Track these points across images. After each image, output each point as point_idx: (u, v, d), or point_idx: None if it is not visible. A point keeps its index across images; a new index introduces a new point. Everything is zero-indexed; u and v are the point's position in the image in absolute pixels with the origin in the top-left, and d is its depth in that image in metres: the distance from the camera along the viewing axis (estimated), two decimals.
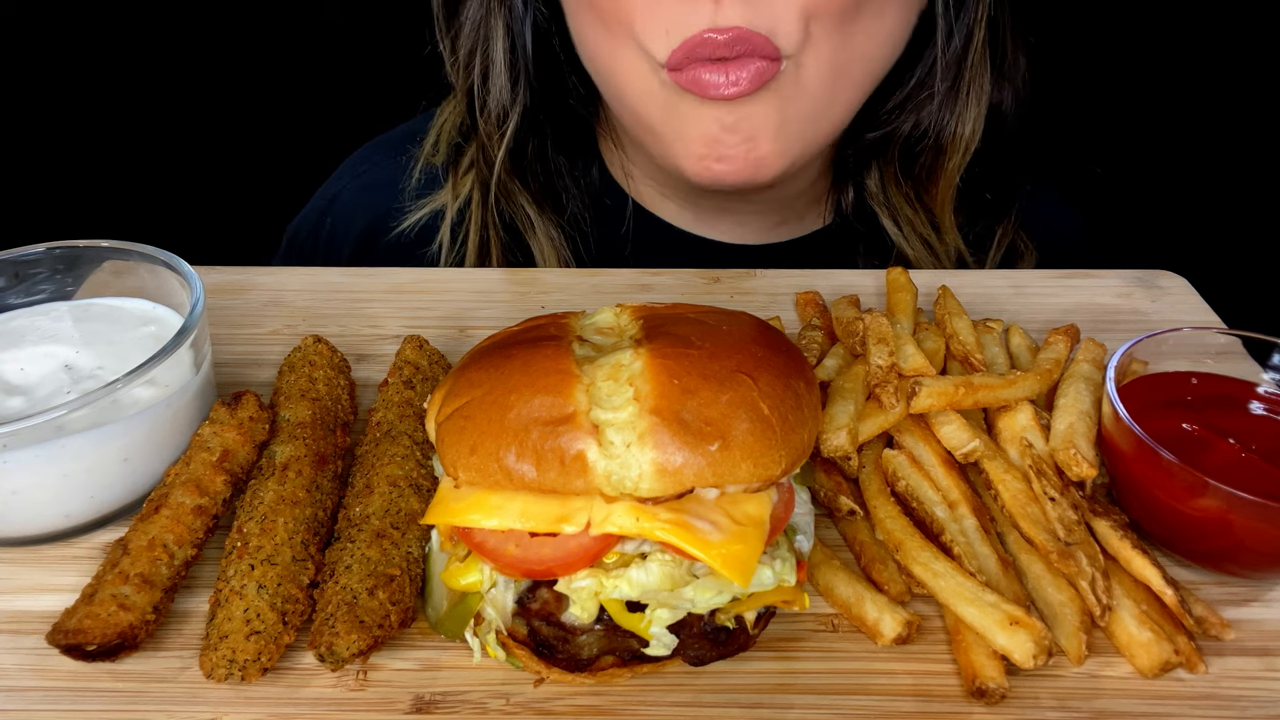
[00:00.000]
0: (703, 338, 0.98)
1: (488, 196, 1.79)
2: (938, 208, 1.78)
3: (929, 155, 1.73)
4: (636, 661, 0.97)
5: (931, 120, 1.69)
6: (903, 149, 1.73)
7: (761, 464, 0.91)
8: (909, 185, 1.77)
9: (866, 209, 1.81)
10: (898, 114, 1.70)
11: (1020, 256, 1.87)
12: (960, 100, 1.68)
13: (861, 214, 1.82)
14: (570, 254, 1.82)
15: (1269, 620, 1.06)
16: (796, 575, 0.99)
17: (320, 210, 2.02)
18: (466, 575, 0.99)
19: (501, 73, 1.73)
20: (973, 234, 1.85)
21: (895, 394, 1.20)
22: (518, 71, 1.73)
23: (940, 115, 1.69)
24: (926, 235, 1.79)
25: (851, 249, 1.84)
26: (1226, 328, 1.43)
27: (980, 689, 0.96)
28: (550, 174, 1.82)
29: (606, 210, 1.86)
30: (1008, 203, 1.85)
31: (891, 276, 1.49)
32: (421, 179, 1.91)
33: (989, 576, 1.05)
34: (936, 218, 1.79)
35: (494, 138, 1.76)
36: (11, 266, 1.30)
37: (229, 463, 1.13)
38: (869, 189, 1.78)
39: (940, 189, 1.76)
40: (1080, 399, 1.20)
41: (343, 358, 1.34)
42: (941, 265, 1.80)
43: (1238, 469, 1.05)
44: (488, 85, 1.74)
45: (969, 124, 1.69)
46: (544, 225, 1.80)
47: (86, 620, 0.96)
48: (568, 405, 0.91)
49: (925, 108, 1.69)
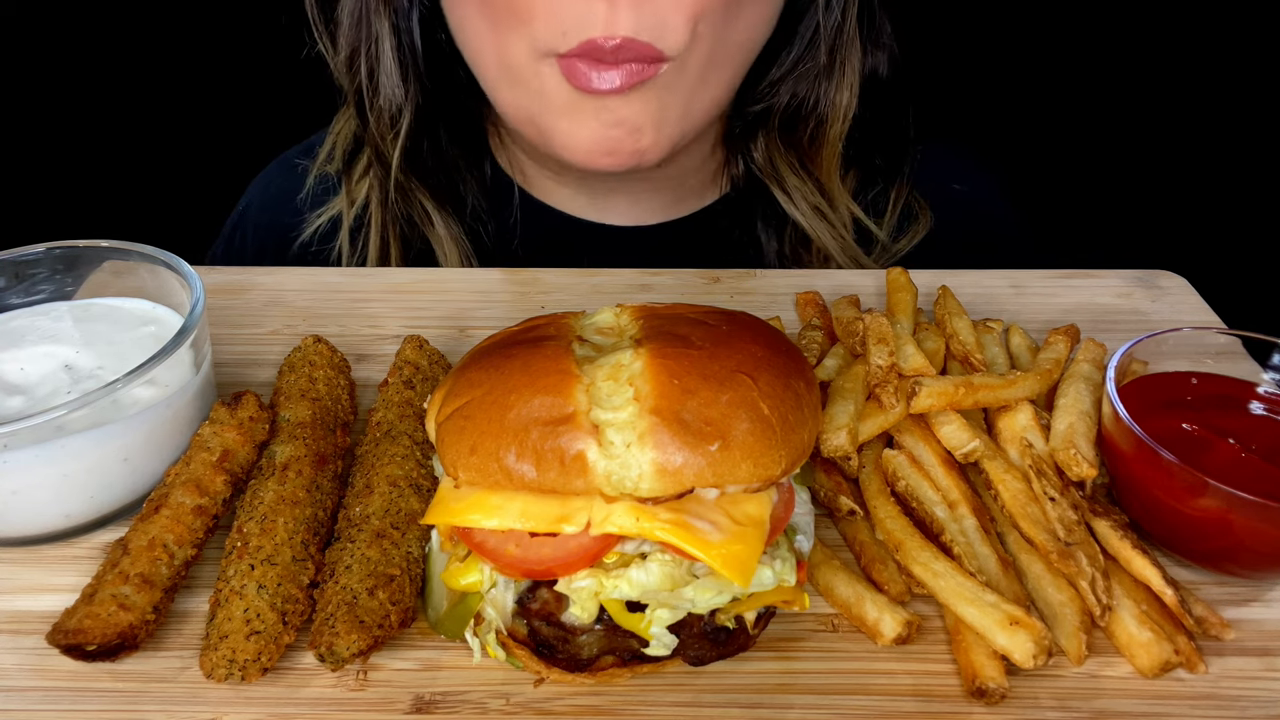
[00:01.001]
0: (703, 338, 0.98)
1: (386, 198, 1.78)
2: (824, 175, 1.81)
3: (810, 124, 1.77)
4: (636, 661, 0.97)
5: (809, 90, 1.74)
6: (783, 120, 1.77)
7: (761, 464, 0.91)
8: (792, 154, 1.80)
9: (759, 180, 1.83)
10: (777, 87, 1.75)
11: (914, 217, 1.89)
12: (836, 70, 1.72)
13: (754, 186, 1.85)
14: (471, 248, 1.82)
15: (1269, 620, 1.06)
16: (796, 575, 0.99)
17: (232, 226, 2.05)
18: (466, 575, 0.99)
19: (391, 70, 1.70)
20: (870, 197, 1.88)
21: (895, 394, 1.20)
22: (406, 68, 1.71)
23: (818, 85, 1.73)
24: (817, 203, 1.81)
25: (749, 218, 1.86)
26: (1226, 328, 1.43)
27: (980, 689, 0.96)
28: (448, 169, 1.82)
29: (503, 202, 1.87)
30: (897, 164, 1.88)
31: (891, 276, 1.49)
32: (316, 189, 1.91)
33: (989, 576, 1.05)
34: (825, 185, 1.82)
35: (387, 138, 1.75)
36: (11, 266, 1.30)
37: (229, 463, 1.13)
38: (756, 161, 1.81)
39: (825, 156, 1.79)
40: (1080, 399, 1.20)
41: (343, 358, 1.34)
42: (836, 233, 1.82)
43: (1238, 469, 1.05)
44: (375, 84, 1.72)
45: (845, 91, 1.74)
46: (444, 221, 1.80)
47: (86, 620, 0.96)
48: (568, 405, 0.91)
49: (804, 80, 1.73)
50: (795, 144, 1.79)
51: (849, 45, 1.71)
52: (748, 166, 1.83)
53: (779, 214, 1.83)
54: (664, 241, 1.87)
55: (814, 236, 1.80)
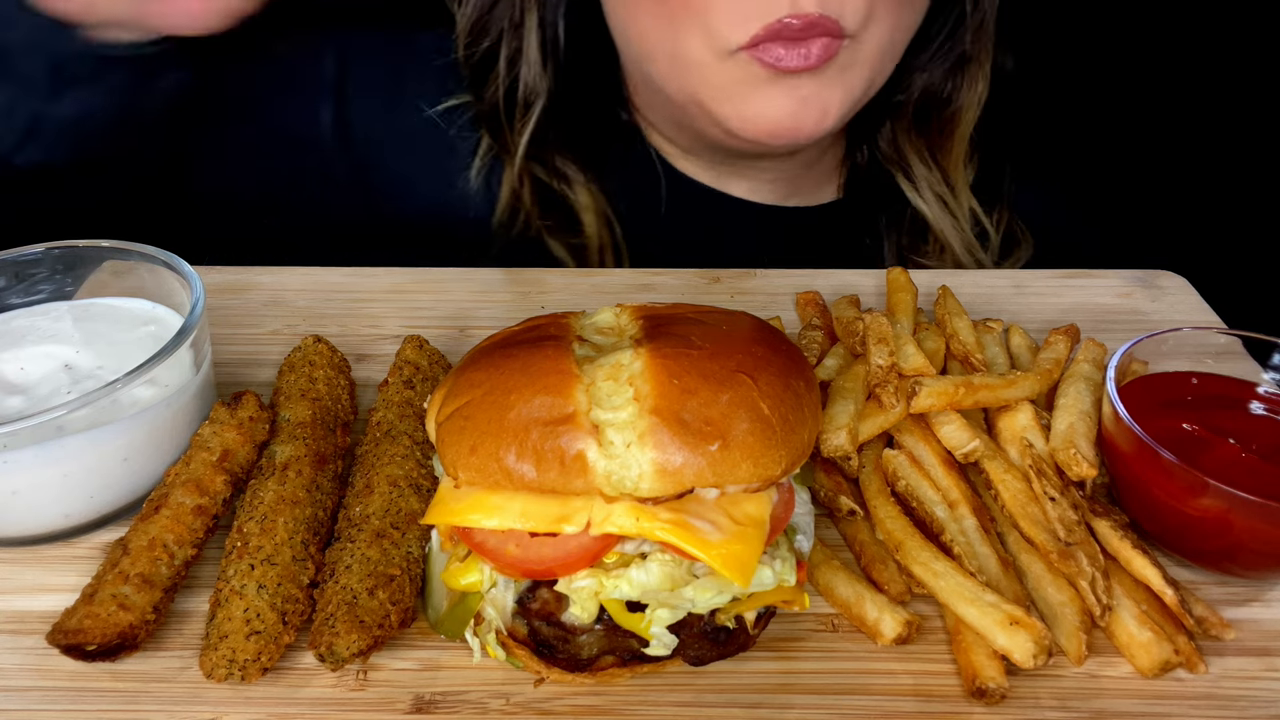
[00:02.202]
0: (703, 338, 0.98)
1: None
2: (951, 165, 1.84)
3: (943, 113, 1.80)
4: (636, 661, 0.97)
5: (946, 79, 1.78)
6: (917, 107, 1.80)
7: (761, 464, 0.91)
8: (921, 142, 1.83)
9: (881, 175, 1.85)
10: (915, 75, 1.78)
11: (1018, 244, 1.91)
12: (973, 60, 1.76)
13: (875, 181, 1.87)
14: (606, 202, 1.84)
15: (1269, 620, 1.06)
16: (796, 575, 0.99)
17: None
18: (466, 575, 0.99)
19: (534, 61, 1.74)
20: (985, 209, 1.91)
21: (895, 394, 1.20)
22: (546, 58, 1.75)
23: (955, 75, 1.77)
24: (941, 193, 1.84)
25: (865, 220, 1.88)
26: (1226, 328, 1.43)
27: (980, 689, 0.96)
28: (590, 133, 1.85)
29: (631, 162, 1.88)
30: (998, 180, 1.91)
31: (891, 276, 1.49)
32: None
33: (989, 576, 1.05)
34: (950, 176, 1.84)
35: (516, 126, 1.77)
36: (11, 266, 1.30)
37: (229, 463, 1.13)
38: (881, 149, 1.85)
39: (954, 144, 1.82)
40: (1080, 399, 1.20)
41: (343, 358, 1.34)
42: (958, 225, 1.84)
43: (1238, 469, 1.05)
44: (515, 75, 1.75)
45: (980, 82, 1.78)
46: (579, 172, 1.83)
47: (86, 620, 0.96)
48: (568, 405, 0.91)
49: (940, 67, 1.77)
50: (926, 132, 1.83)
51: (984, 35, 1.75)
52: (872, 154, 1.86)
53: (899, 208, 1.85)
54: (783, 223, 1.89)
55: (937, 228, 1.83)
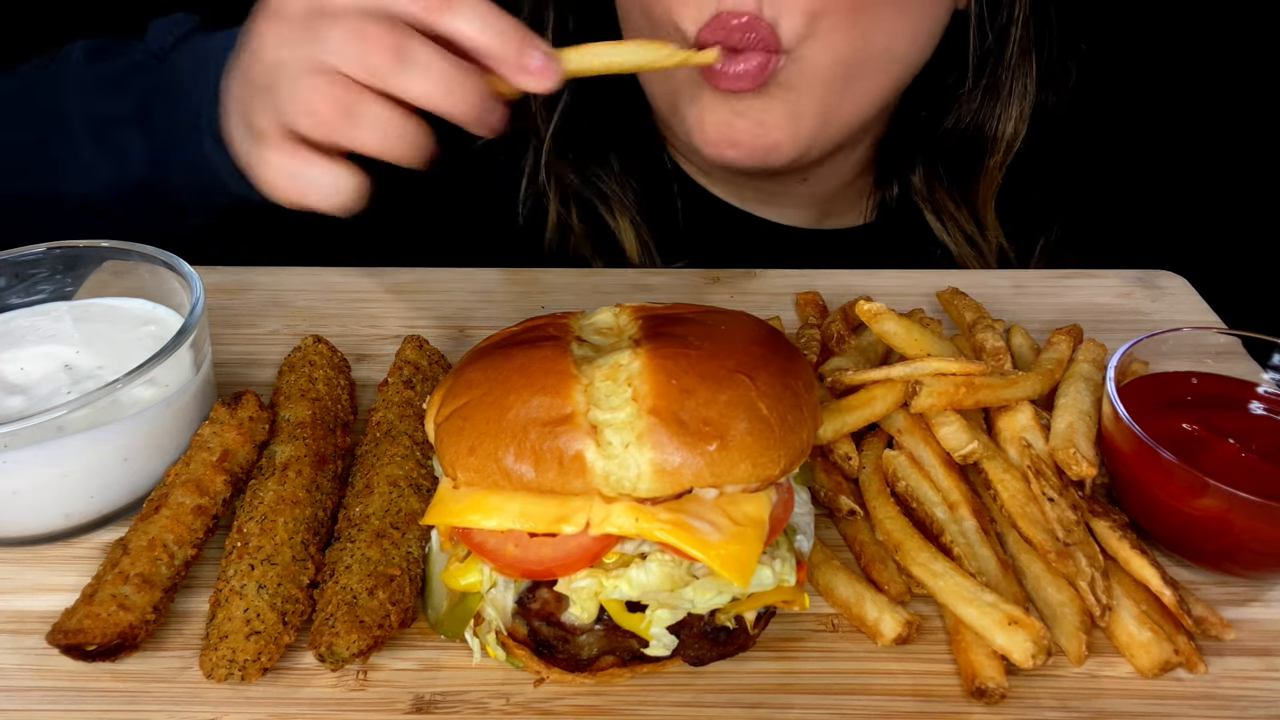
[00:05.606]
0: (701, 338, 0.98)
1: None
2: (980, 205, 1.82)
3: (971, 153, 1.77)
4: (636, 661, 0.97)
5: (972, 118, 1.74)
6: (945, 146, 1.78)
7: (760, 464, 0.91)
8: (952, 182, 1.81)
9: (910, 207, 1.84)
10: (939, 112, 1.75)
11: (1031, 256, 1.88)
12: (1000, 99, 1.72)
13: (906, 212, 1.85)
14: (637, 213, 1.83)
15: (1269, 620, 1.06)
16: (796, 575, 0.99)
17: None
18: (466, 575, 0.99)
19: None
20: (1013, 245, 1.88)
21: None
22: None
23: (980, 113, 1.73)
24: (970, 232, 1.82)
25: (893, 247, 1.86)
26: (1226, 328, 1.43)
27: (980, 689, 0.96)
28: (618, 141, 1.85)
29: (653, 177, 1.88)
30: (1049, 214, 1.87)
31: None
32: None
33: (989, 577, 1.05)
34: (980, 215, 1.83)
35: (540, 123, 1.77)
36: (11, 266, 1.30)
37: (229, 463, 1.13)
38: (914, 185, 1.82)
39: (983, 187, 1.80)
40: (1080, 399, 1.20)
41: (343, 358, 1.34)
42: (986, 261, 1.83)
43: (1238, 469, 1.05)
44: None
45: (1010, 123, 1.73)
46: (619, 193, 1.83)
47: (86, 620, 0.96)
48: (566, 406, 0.91)
49: (966, 105, 1.73)
50: (956, 171, 1.80)
51: (1016, 74, 1.70)
52: (903, 191, 1.84)
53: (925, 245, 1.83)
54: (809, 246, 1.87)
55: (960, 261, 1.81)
